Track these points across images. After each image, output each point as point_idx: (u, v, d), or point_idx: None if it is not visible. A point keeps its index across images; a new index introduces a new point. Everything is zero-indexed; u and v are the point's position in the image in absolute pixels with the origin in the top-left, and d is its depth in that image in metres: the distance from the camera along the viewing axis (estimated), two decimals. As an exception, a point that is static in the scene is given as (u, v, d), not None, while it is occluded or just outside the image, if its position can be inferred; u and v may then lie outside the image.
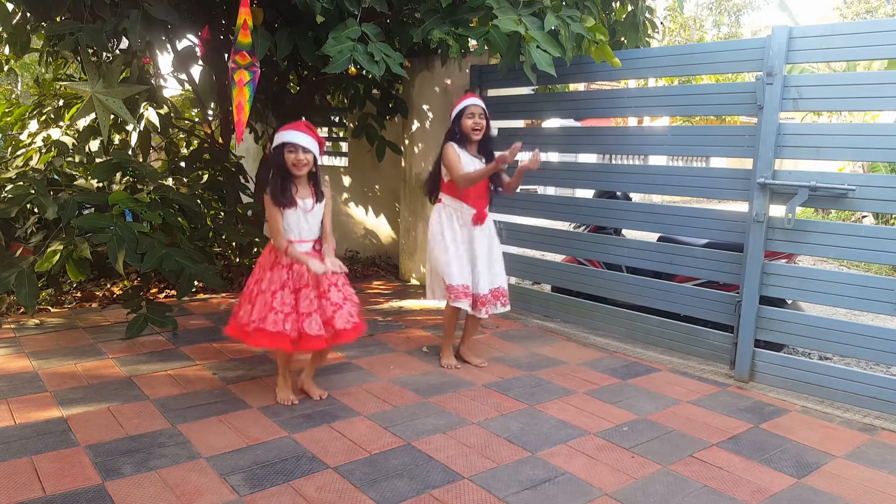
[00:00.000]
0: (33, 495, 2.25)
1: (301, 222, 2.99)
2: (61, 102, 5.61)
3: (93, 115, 3.98)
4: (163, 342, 3.99)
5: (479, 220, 3.58)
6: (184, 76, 5.40)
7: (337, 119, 7.00)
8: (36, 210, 3.90)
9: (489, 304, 3.62)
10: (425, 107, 5.72)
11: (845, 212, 9.01)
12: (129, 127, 5.02)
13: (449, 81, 5.44)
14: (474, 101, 3.57)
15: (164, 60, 7.79)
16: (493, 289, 3.65)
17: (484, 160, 3.57)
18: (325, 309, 3.02)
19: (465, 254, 3.57)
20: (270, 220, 2.99)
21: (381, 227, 6.75)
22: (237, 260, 5.74)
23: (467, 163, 3.51)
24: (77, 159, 4.89)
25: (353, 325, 3.05)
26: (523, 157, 3.59)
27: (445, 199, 3.62)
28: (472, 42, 4.50)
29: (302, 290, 2.99)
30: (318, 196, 3.05)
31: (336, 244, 3.27)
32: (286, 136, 2.94)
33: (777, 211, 3.50)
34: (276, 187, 2.95)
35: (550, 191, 9.45)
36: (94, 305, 4.84)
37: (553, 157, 9.10)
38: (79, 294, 5.02)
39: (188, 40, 5.01)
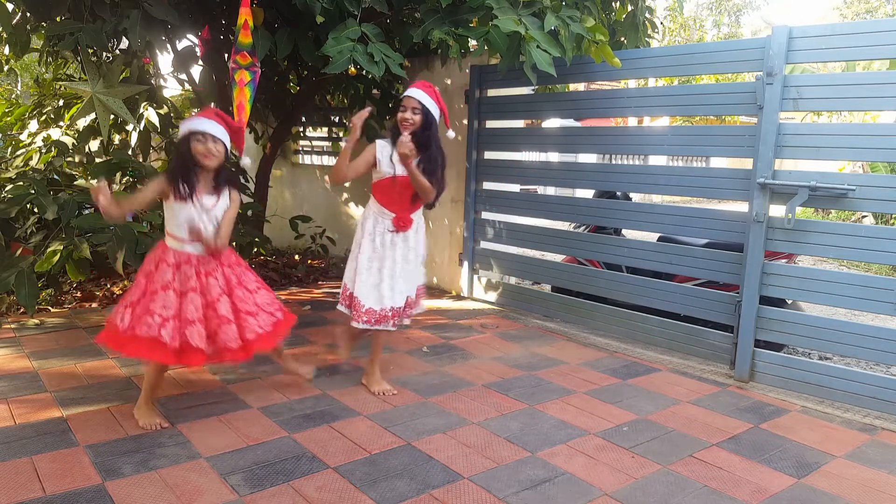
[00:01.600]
0: (33, 495, 2.25)
1: (195, 220, 2.66)
2: (61, 102, 5.61)
3: (93, 115, 3.98)
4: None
5: (399, 225, 3.18)
6: (184, 76, 5.41)
7: (337, 119, 7.00)
8: (36, 210, 3.90)
9: (400, 316, 3.25)
10: (425, 107, 5.71)
11: (845, 212, 9.01)
12: (129, 127, 5.02)
13: (449, 81, 5.44)
14: (411, 91, 3.08)
15: (164, 60, 7.78)
16: (408, 297, 3.28)
17: (422, 164, 3.10)
18: (210, 321, 2.68)
19: (378, 265, 3.19)
20: (143, 191, 2.67)
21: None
22: (237, 260, 5.74)
23: (387, 163, 3.15)
24: (77, 159, 4.89)
25: (239, 346, 2.72)
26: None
27: (371, 201, 3.29)
28: (472, 42, 4.50)
29: (188, 294, 2.65)
30: (221, 192, 2.72)
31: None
32: (194, 123, 2.63)
33: (777, 211, 3.50)
34: (176, 177, 2.62)
35: (550, 191, 9.45)
36: (94, 305, 4.83)
37: (553, 157, 9.11)
38: (79, 294, 5.02)
39: (188, 40, 5.01)
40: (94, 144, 4.92)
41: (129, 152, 5.00)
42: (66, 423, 2.81)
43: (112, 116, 3.89)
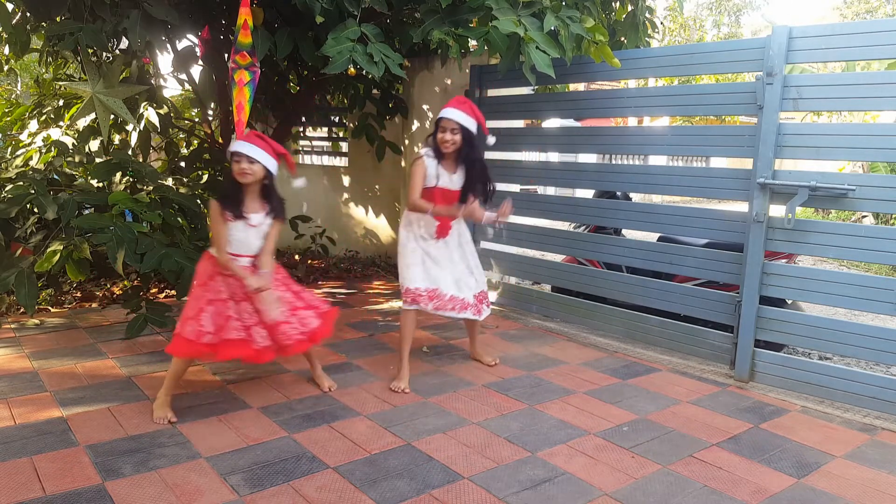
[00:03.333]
0: (33, 495, 2.25)
1: (243, 237, 2.91)
2: (61, 102, 5.61)
3: (93, 115, 3.98)
4: (163, 342, 3.99)
5: (441, 232, 3.44)
6: (184, 76, 5.41)
7: (337, 119, 7.00)
8: (36, 210, 3.89)
9: (471, 308, 3.53)
10: (425, 107, 5.72)
11: (845, 212, 9.01)
12: (129, 127, 5.02)
13: (449, 81, 5.44)
14: (448, 113, 3.28)
15: (164, 60, 7.79)
16: (475, 294, 3.57)
17: (462, 173, 3.39)
18: (266, 323, 2.95)
19: (431, 257, 3.44)
20: (214, 230, 2.91)
21: (381, 227, 6.75)
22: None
23: (432, 175, 3.35)
24: (77, 159, 4.89)
25: (296, 340, 3.00)
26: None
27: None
28: (472, 42, 4.50)
29: (242, 303, 2.93)
30: (271, 212, 2.95)
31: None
32: (234, 145, 2.89)
33: (777, 211, 3.50)
34: (226, 196, 2.90)
35: (550, 191, 9.45)
36: (94, 305, 4.84)
37: (553, 157, 9.12)
38: (79, 294, 5.02)
39: (188, 40, 5.01)
40: (94, 144, 4.92)
41: (129, 152, 5.00)
42: (66, 423, 2.81)
43: (112, 116, 3.88)
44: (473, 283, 3.59)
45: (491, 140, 3.47)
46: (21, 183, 3.95)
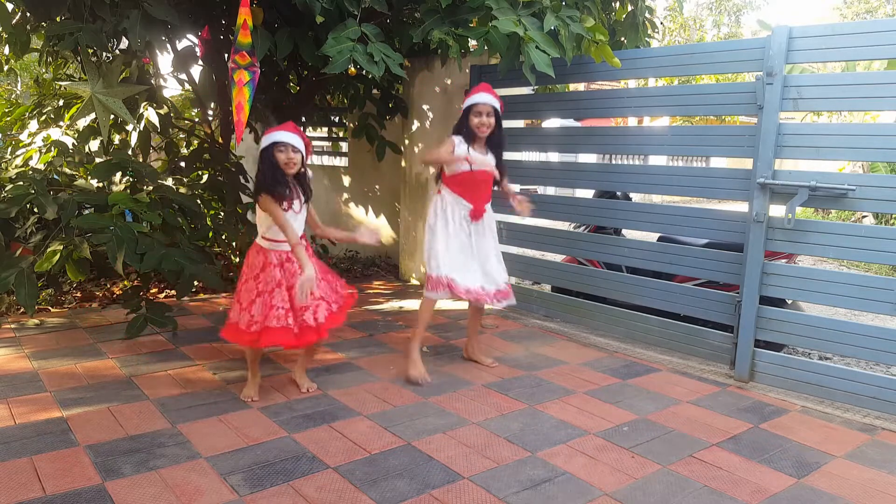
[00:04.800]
0: (33, 495, 2.25)
1: (293, 224, 3.01)
2: (61, 102, 5.61)
3: (93, 115, 3.98)
4: (163, 342, 3.99)
5: (475, 216, 3.53)
6: (184, 76, 5.41)
7: (337, 119, 7.00)
8: (36, 210, 3.89)
9: (492, 300, 3.58)
10: (425, 107, 5.72)
11: (845, 212, 9.01)
12: (129, 127, 5.02)
13: (449, 81, 5.44)
14: (483, 98, 3.46)
15: (164, 60, 7.79)
16: (504, 281, 3.63)
17: (492, 156, 3.54)
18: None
19: (460, 246, 3.52)
20: (276, 217, 2.95)
21: (382, 228, 6.75)
22: (237, 260, 5.75)
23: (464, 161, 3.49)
24: (77, 159, 4.89)
25: (329, 314, 3.08)
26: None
27: (444, 192, 3.57)
28: (472, 42, 4.50)
29: (294, 287, 2.99)
30: (306, 195, 3.09)
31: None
32: (276, 136, 2.97)
33: (777, 211, 3.50)
34: (273, 185, 2.95)
35: (550, 191, 9.45)
36: (94, 305, 4.84)
37: (553, 157, 9.12)
38: (79, 294, 5.02)
39: (188, 40, 5.01)
40: (94, 144, 4.92)
41: (129, 152, 5.00)
42: (66, 423, 2.81)
43: (112, 116, 3.88)
44: (501, 269, 3.64)
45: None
46: (21, 183, 3.94)
